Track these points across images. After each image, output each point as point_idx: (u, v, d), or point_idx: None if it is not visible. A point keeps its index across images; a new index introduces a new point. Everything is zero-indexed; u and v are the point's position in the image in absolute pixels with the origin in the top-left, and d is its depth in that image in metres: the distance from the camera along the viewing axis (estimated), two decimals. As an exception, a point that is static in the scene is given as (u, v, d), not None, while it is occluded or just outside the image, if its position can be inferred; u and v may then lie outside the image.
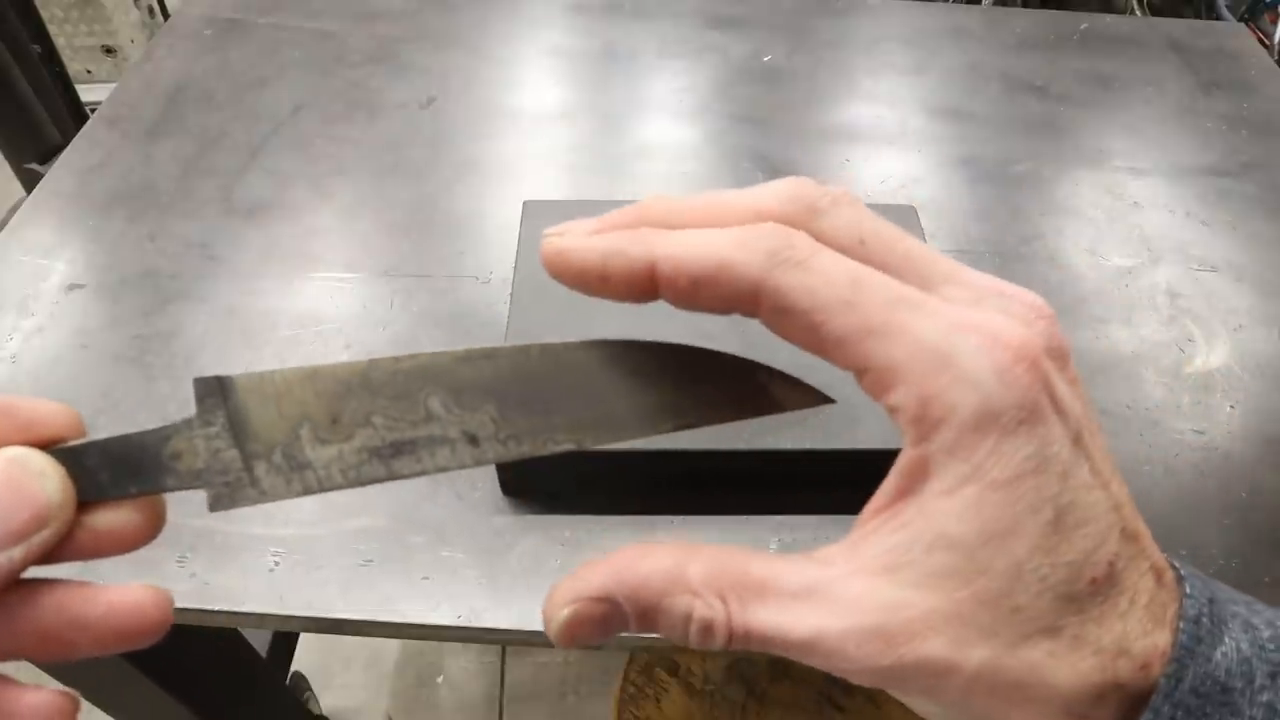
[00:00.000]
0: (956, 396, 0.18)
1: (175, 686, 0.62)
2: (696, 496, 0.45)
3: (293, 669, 1.05)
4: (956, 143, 0.70)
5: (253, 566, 0.42)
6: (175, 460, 0.20)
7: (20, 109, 1.18)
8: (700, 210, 0.20)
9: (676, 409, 0.21)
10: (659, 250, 0.19)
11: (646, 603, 0.20)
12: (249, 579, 0.42)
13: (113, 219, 0.59)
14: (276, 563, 0.42)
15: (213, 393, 0.20)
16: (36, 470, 0.19)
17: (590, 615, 0.20)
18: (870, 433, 0.42)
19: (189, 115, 0.68)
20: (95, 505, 0.20)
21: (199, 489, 0.20)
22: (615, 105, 0.71)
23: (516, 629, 0.40)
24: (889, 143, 0.69)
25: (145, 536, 0.20)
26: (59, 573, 0.20)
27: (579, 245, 0.20)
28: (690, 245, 0.19)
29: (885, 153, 0.68)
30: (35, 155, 1.21)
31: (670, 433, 0.21)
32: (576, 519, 0.44)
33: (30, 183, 1.20)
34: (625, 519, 0.44)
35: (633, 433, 0.21)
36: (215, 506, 0.20)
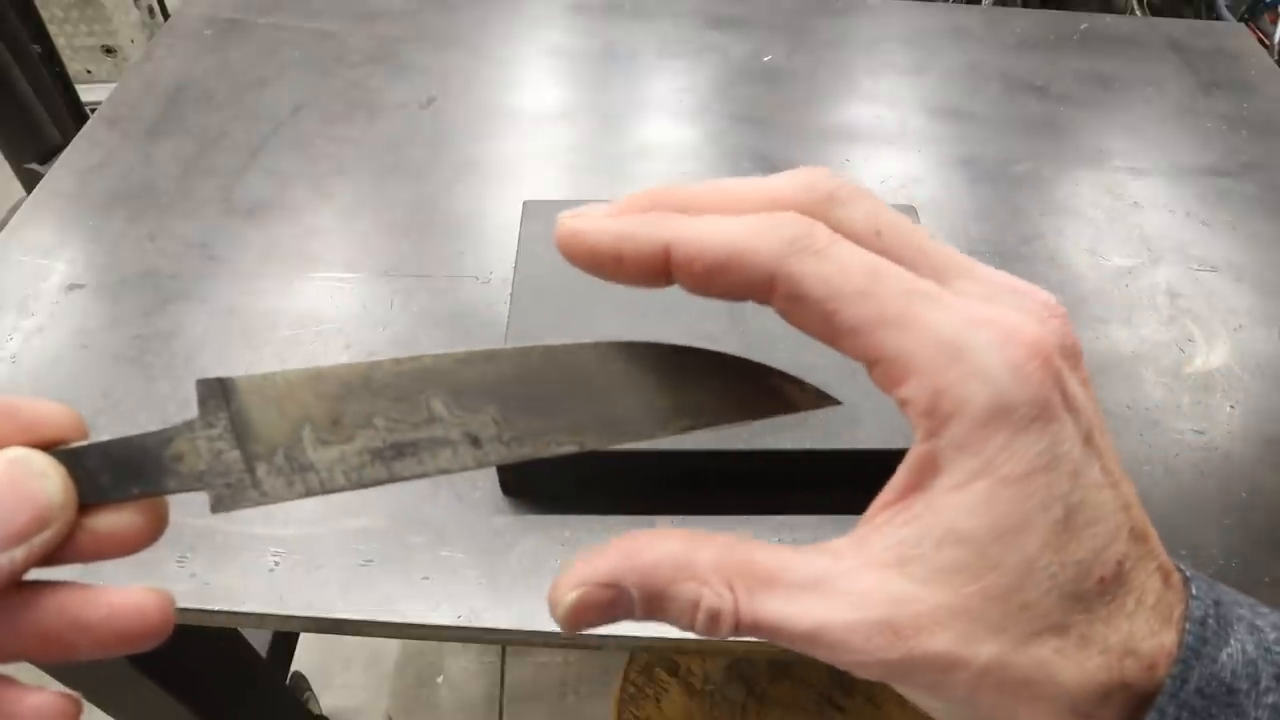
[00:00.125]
0: (969, 390, 0.18)
1: (175, 686, 0.62)
2: (697, 496, 0.45)
3: (293, 669, 1.05)
4: (956, 143, 0.70)
5: (253, 566, 0.42)
6: (177, 462, 0.20)
7: (20, 109, 1.18)
8: (717, 196, 0.20)
9: (680, 411, 0.21)
10: (675, 234, 0.19)
11: (654, 589, 0.19)
12: (249, 579, 0.42)
13: (113, 219, 0.59)
14: (276, 563, 0.42)
15: (215, 394, 0.20)
16: (38, 471, 0.19)
17: (597, 600, 0.19)
18: (870, 433, 0.42)
19: (189, 115, 0.68)
20: (97, 507, 0.20)
21: (201, 491, 0.20)
22: (615, 105, 0.71)
23: (516, 629, 0.40)
24: (889, 143, 0.69)
25: (147, 539, 0.20)
26: (60, 575, 0.20)
27: (594, 227, 0.20)
28: (707, 230, 0.19)
29: (885, 153, 0.68)
30: (35, 155, 1.21)
31: (674, 435, 0.21)
32: (577, 519, 0.44)
33: (30, 183, 1.20)
34: (625, 519, 0.44)
35: (636, 435, 0.21)
36: (217, 508, 0.20)
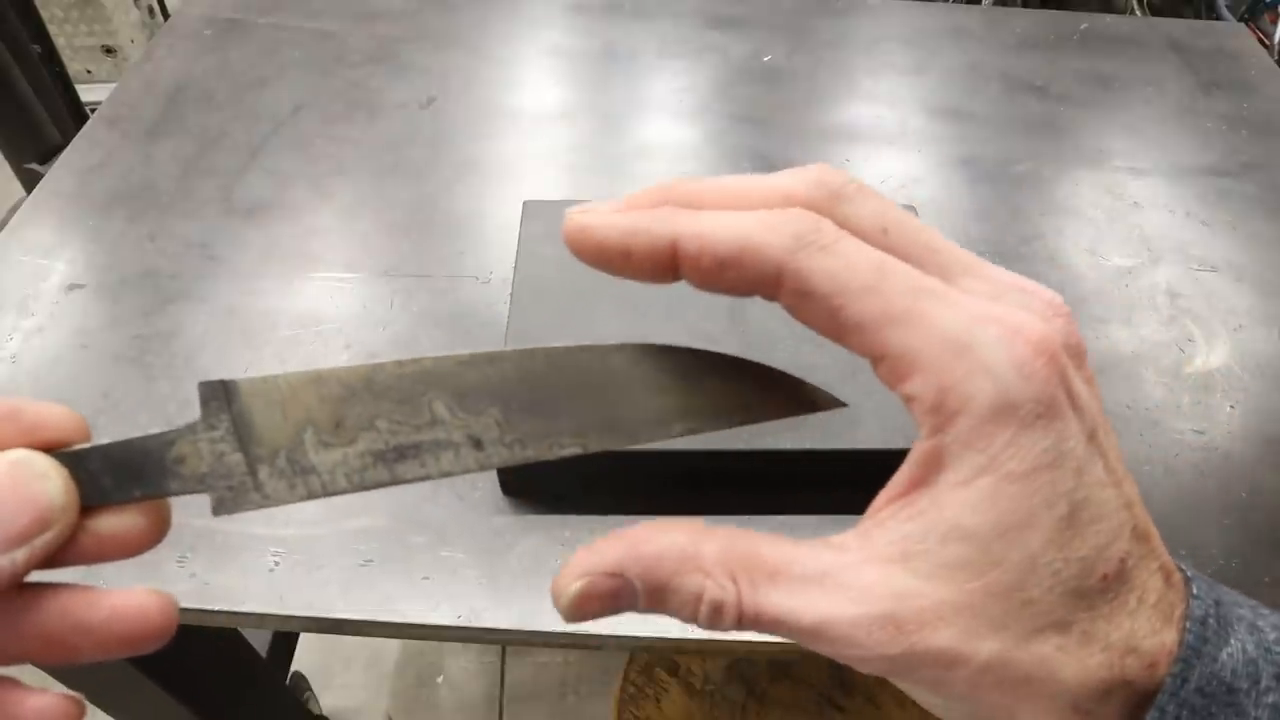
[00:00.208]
0: (974, 387, 0.18)
1: (175, 686, 0.62)
2: (697, 496, 0.45)
3: (293, 669, 1.05)
4: (956, 143, 0.70)
5: (253, 566, 0.42)
6: (179, 464, 0.20)
7: (20, 109, 1.18)
8: (724, 192, 0.20)
9: (684, 413, 0.21)
10: (683, 229, 0.19)
11: (658, 580, 0.19)
12: (249, 579, 0.42)
13: (113, 219, 0.59)
14: (276, 563, 0.42)
15: (217, 396, 0.20)
16: (40, 472, 0.19)
17: (601, 590, 0.19)
18: (870, 433, 0.42)
19: (189, 115, 0.68)
20: (99, 509, 0.20)
21: (203, 493, 0.20)
22: (615, 105, 0.71)
23: (516, 629, 0.40)
24: (889, 143, 0.69)
25: (149, 541, 0.20)
26: (62, 577, 0.20)
27: (602, 222, 0.20)
28: (715, 225, 0.19)
29: (885, 153, 0.68)
30: (35, 155, 1.21)
31: (678, 436, 0.21)
32: (577, 519, 0.44)
33: (30, 183, 1.20)
34: (626, 519, 0.44)
35: (639, 437, 0.21)
36: (219, 510, 0.20)
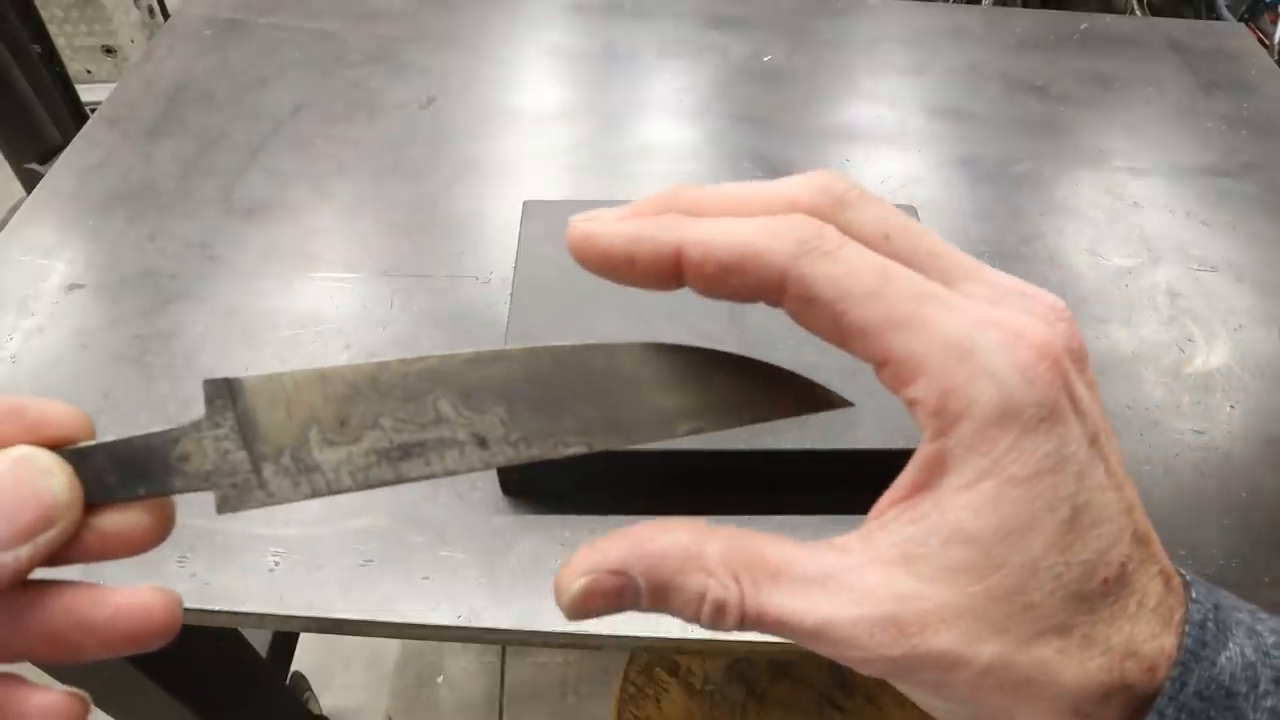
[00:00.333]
0: (977, 391, 0.18)
1: (175, 686, 0.62)
2: (697, 496, 0.45)
3: (293, 669, 1.05)
4: (956, 143, 0.70)
5: (253, 566, 0.42)
6: (183, 462, 0.20)
7: (20, 109, 1.18)
8: (727, 199, 0.20)
9: (690, 412, 0.21)
10: (687, 236, 0.19)
11: (661, 578, 0.19)
12: (249, 579, 0.42)
13: (113, 219, 0.59)
14: (276, 563, 0.42)
15: (221, 394, 0.20)
16: (43, 469, 0.19)
17: (604, 588, 0.20)
18: (870, 433, 0.42)
19: (189, 115, 0.68)
20: (103, 507, 0.20)
21: (207, 491, 0.20)
22: (615, 105, 0.71)
23: (516, 629, 0.40)
24: (889, 143, 0.69)
25: (154, 539, 0.20)
26: (64, 575, 0.20)
27: (606, 230, 0.20)
28: (719, 232, 0.19)
29: (885, 153, 0.68)
30: (35, 155, 1.21)
31: (683, 436, 0.21)
32: (577, 519, 0.44)
33: (30, 183, 1.20)
34: (626, 519, 0.44)
35: (645, 436, 0.21)
36: (223, 508, 0.20)
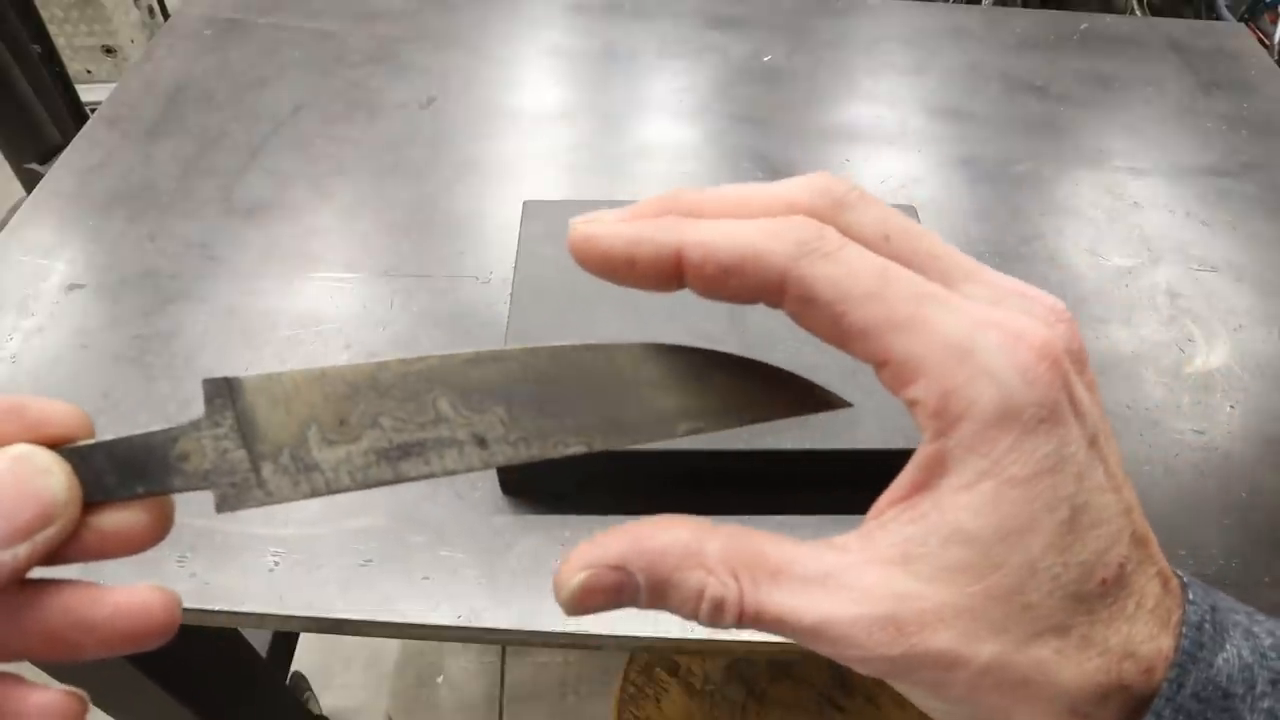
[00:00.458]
0: (977, 391, 0.18)
1: (175, 686, 0.62)
2: (697, 496, 0.45)
3: (293, 669, 1.05)
4: (956, 143, 0.70)
5: (253, 566, 0.42)
6: (182, 461, 0.20)
7: (20, 109, 1.18)
8: (727, 201, 0.21)
9: (690, 412, 0.21)
10: (688, 237, 0.19)
11: (660, 575, 0.19)
12: (249, 579, 0.42)
13: (113, 219, 0.59)
14: (276, 563, 0.42)
15: (221, 393, 0.20)
16: (42, 468, 0.19)
17: (604, 583, 0.20)
18: (870, 433, 0.42)
19: (189, 115, 0.68)
20: (102, 506, 0.20)
21: (206, 490, 0.20)
22: (615, 105, 0.71)
23: (516, 629, 0.40)
24: (889, 143, 0.69)
25: (153, 538, 0.20)
26: (65, 574, 0.19)
27: (606, 232, 0.20)
28: (719, 233, 0.19)
29: (885, 153, 0.68)
30: (35, 155, 1.21)
31: (683, 436, 0.21)
32: (576, 519, 0.44)
33: (30, 183, 1.20)
34: (626, 519, 0.44)
35: (644, 436, 0.21)
36: (222, 508, 0.20)
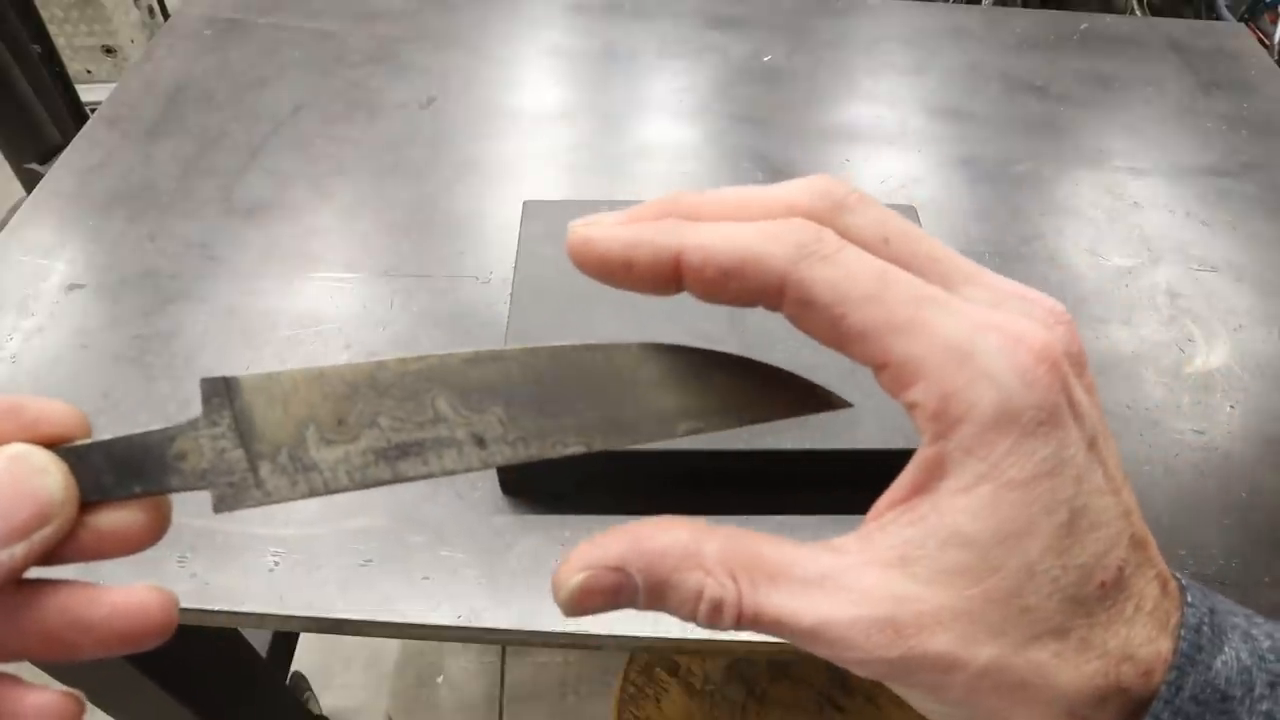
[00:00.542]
0: (976, 394, 0.18)
1: (175, 686, 0.62)
2: (697, 496, 0.45)
3: (293, 669, 1.05)
4: (956, 143, 0.70)
5: (253, 566, 0.42)
6: (180, 460, 0.20)
7: (20, 109, 1.18)
8: (726, 204, 0.20)
9: (689, 412, 0.21)
10: (686, 240, 0.19)
11: (659, 576, 0.19)
12: (249, 579, 0.42)
13: (113, 219, 0.59)
14: (276, 563, 0.42)
15: (219, 393, 0.20)
16: (39, 467, 0.19)
17: (603, 584, 0.20)
18: (870, 433, 0.42)
19: (189, 115, 0.68)
20: (100, 505, 0.19)
21: (203, 489, 0.20)
22: (615, 105, 0.71)
23: (516, 629, 0.40)
24: (889, 143, 0.69)
25: (150, 538, 0.20)
26: (62, 574, 0.19)
27: (605, 235, 0.20)
28: (718, 236, 0.19)
29: (885, 153, 0.68)
30: (35, 155, 1.21)
31: (683, 436, 0.21)
32: (576, 519, 0.44)
33: (30, 183, 1.20)
34: (625, 519, 0.44)
35: (644, 436, 0.21)
36: (220, 507, 0.20)
